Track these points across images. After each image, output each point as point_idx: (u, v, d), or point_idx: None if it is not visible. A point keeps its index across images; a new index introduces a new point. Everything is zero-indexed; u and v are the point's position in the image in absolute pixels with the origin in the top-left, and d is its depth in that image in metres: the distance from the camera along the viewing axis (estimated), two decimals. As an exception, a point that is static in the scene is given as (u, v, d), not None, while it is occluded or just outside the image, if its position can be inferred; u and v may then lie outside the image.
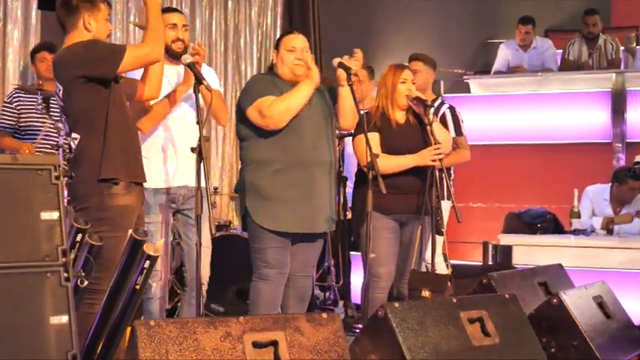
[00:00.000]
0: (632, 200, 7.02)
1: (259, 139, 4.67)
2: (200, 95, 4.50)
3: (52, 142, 6.20)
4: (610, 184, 7.10)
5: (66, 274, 2.73)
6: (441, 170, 5.14)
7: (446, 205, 5.52)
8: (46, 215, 2.74)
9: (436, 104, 6.16)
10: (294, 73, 4.74)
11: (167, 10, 5.14)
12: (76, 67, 4.23)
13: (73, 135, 4.32)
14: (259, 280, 4.67)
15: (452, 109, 6.21)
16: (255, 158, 4.70)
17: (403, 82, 5.20)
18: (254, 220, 4.65)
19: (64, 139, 6.04)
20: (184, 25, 5.05)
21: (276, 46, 4.88)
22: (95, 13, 4.36)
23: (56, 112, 6.27)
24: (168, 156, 4.91)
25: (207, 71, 5.04)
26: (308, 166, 4.65)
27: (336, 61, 4.77)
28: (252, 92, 4.72)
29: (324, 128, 4.75)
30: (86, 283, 2.92)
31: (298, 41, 4.81)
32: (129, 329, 2.98)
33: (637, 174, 7.01)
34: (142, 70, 4.63)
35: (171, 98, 4.88)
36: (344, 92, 4.76)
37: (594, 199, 7.11)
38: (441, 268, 6.11)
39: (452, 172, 6.25)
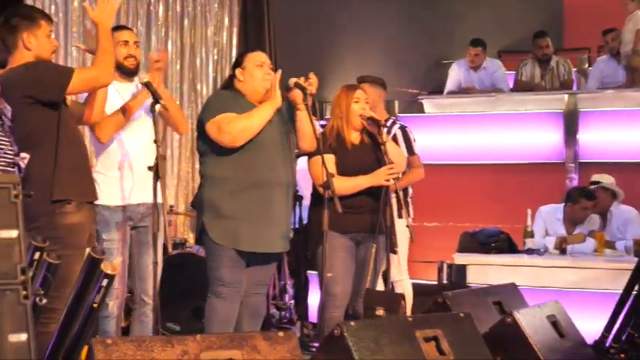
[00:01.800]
0: (585, 220, 7.09)
1: (218, 157, 4.67)
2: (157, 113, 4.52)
3: (7, 160, 6.13)
4: (563, 204, 7.18)
5: (25, 292, 2.72)
6: (395, 189, 5.18)
7: (400, 224, 5.55)
8: (4, 233, 2.73)
9: (388, 124, 6.22)
10: (263, 88, 4.74)
11: (116, 28, 5.10)
12: (23, 89, 4.21)
13: (22, 155, 4.29)
14: (215, 297, 4.66)
15: (403, 128, 6.29)
16: (214, 175, 4.69)
17: (356, 102, 5.22)
18: (210, 237, 4.64)
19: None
20: (135, 42, 5.04)
21: (239, 64, 4.83)
22: (34, 31, 4.32)
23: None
24: (125, 174, 4.88)
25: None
26: (266, 186, 4.65)
27: (292, 81, 4.75)
28: (213, 108, 4.71)
29: (283, 148, 4.75)
30: (45, 300, 2.92)
31: (264, 57, 4.83)
32: (86, 348, 2.97)
33: (590, 194, 7.07)
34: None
35: (126, 113, 4.87)
36: (302, 115, 4.75)
37: (547, 219, 7.17)
38: (407, 286, 6.17)
39: (410, 190, 6.30)
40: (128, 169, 4.89)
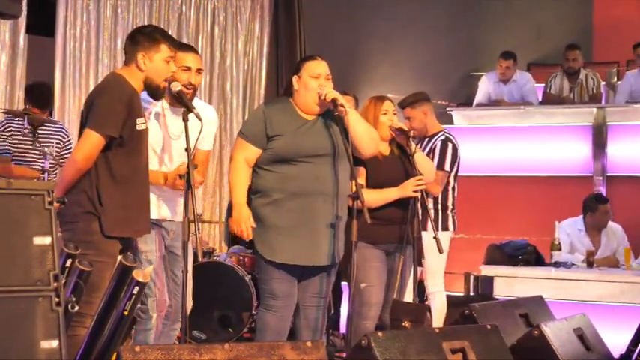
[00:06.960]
0: (607, 224, 7.16)
1: (260, 168, 4.64)
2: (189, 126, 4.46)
3: (37, 167, 6.22)
4: (582, 215, 7.21)
5: (57, 299, 2.74)
6: (421, 201, 5.16)
7: (427, 236, 5.53)
8: (38, 240, 2.76)
9: (437, 136, 6.22)
10: (314, 101, 4.63)
11: (182, 46, 4.72)
12: (86, 103, 4.29)
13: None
14: (265, 310, 4.63)
15: (444, 141, 6.20)
16: (258, 185, 4.66)
17: (385, 114, 5.21)
18: (256, 248, 4.64)
19: (50, 164, 6.08)
20: (198, 69, 4.70)
21: (297, 70, 4.72)
22: (151, 53, 4.28)
23: (43, 137, 6.31)
24: (157, 188, 4.69)
25: (207, 111, 4.88)
26: (307, 197, 4.57)
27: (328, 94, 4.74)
28: (243, 127, 4.75)
29: (331, 158, 4.64)
30: (77, 308, 2.95)
31: (322, 68, 4.69)
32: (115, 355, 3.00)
33: (603, 197, 7.22)
34: None
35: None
36: (352, 117, 4.60)
37: (570, 233, 7.18)
38: (439, 299, 6.15)
39: (449, 203, 6.28)
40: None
